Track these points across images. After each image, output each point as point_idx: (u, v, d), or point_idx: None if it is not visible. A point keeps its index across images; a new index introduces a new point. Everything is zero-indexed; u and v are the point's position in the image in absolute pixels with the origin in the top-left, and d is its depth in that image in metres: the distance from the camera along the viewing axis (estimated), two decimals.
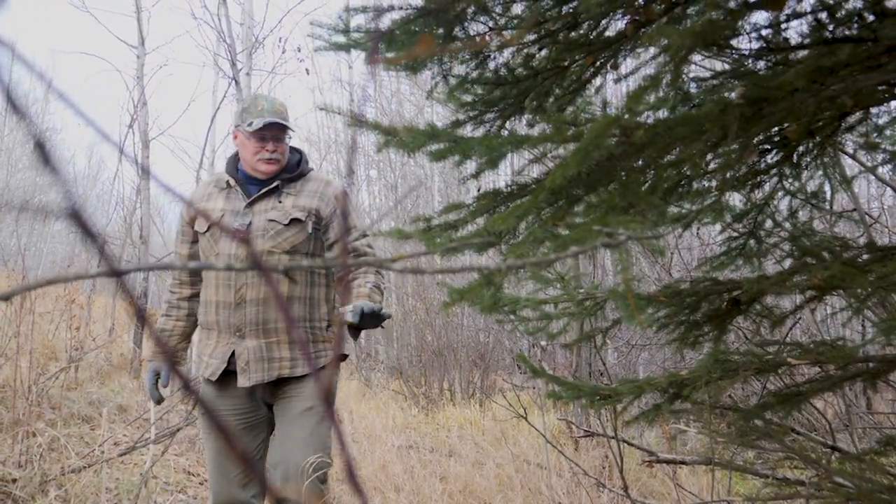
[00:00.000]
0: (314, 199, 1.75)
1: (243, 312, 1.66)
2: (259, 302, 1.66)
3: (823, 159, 1.33)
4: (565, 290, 1.39)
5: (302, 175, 1.79)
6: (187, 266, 0.36)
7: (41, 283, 0.31)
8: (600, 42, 1.10)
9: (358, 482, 0.24)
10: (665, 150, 0.81)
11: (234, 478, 1.69)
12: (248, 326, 1.66)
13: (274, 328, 1.66)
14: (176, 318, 1.82)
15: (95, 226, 0.24)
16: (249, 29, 5.07)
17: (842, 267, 0.98)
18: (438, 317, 5.59)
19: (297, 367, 1.67)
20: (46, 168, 0.22)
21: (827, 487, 1.10)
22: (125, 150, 5.60)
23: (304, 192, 1.76)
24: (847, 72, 0.77)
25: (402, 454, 3.13)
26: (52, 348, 4.46)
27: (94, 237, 0.24)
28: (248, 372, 1.66)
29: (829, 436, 1.67)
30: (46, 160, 0.22)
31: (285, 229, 1.69)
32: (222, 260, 1.69)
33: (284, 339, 1.68)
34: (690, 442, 3.33)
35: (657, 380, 1.21)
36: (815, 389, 1.22)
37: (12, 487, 2.25)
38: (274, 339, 1.67)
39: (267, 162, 1.72)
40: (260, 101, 1.74)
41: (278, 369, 1.66)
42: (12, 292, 0.29)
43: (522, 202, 0.78)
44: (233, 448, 0.21)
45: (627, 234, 0.46)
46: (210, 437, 1.74)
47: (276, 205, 1.72)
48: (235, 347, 1.67)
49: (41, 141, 0.22)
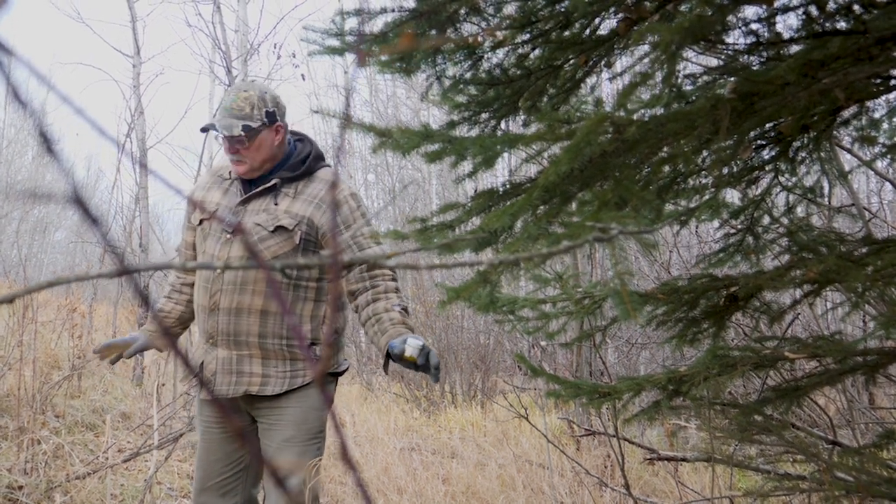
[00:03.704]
0: (309, 206, 1.56)
1: (216, 320, 1.54)
2: (231, 311, 1.52)
3: (820, 154, 1.34)
4: (564, 289, 1.39)
5: (308, 173, 1.59)
6: (187, 265, 0.36)
7: (44, 285, 0.31)
8: (593, 41, 1.11)
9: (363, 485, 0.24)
10: (657, 146, 0.81)
11: (212, 485, 1.60)
12: (220, 335, 1.54)
13: (245, 341, 1.53)
14: (175, 301, 1.72)
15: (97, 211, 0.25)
16: (244, 36, 5.09)
17: (837, 261, 0.98)
18: (438, 319, 5.59)
19: (267, 386, 1.53)
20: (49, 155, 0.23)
21: (828, 481, 1.10)
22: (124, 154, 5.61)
23: (302, 195, 1.57)
24: (838, 65, 0.77)
25: (404, 456, 3.13)
26: (55, 357, 4.46)
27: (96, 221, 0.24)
28: (212, 384, 1.55)
29: (830, 431, 1.67)
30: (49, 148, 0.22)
31: (269, 236, 1.52)
32: (206, 258, 1.58)
33: (258, 354, 1.54)
34: (691, 439, 3.32)
35: (656, 377, 1.21)
36: (814, 384, 1.22)
37: (19, 494, 2.26)
38: (246, 353, 1.54)
39: (235, 163, 1.56)
40: (226, 95, 1.55)
41: (246, 385, 1.53)
42: (15, 294, 0.30)
43: (517, 200, 0.78)
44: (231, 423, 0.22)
45: (619, 229, 0.47)
46: (200, 442, 1.65)
47: (268, 206, 1.55)
48: (206, 356, 1.57)
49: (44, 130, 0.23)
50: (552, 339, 1.80)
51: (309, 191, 1.58)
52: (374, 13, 1.22)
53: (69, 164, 0.22)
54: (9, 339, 3.94)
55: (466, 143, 0.81)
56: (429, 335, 5.69)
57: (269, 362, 1.54)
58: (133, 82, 5.84)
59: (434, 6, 1.05)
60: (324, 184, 1.59)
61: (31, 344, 3.07)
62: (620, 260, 0.59)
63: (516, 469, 2.74)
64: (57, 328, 4.66)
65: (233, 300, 1.52)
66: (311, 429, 1.55)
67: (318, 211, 1.56)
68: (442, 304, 0.91)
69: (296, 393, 1.56)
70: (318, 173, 1.61)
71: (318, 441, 1.58)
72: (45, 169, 18.66)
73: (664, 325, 1.37)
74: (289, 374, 1.55)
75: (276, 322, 1.54)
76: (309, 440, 1.55)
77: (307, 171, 1.59)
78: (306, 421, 1.55)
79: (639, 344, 3.93)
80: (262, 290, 1.52)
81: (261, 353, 1.54)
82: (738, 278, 1.17)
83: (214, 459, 1.61)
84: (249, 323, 1.53)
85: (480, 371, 5.47)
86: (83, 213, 0.23)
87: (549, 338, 1.47)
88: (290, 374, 1.55)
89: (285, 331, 1.54)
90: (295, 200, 1.57)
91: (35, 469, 2.40)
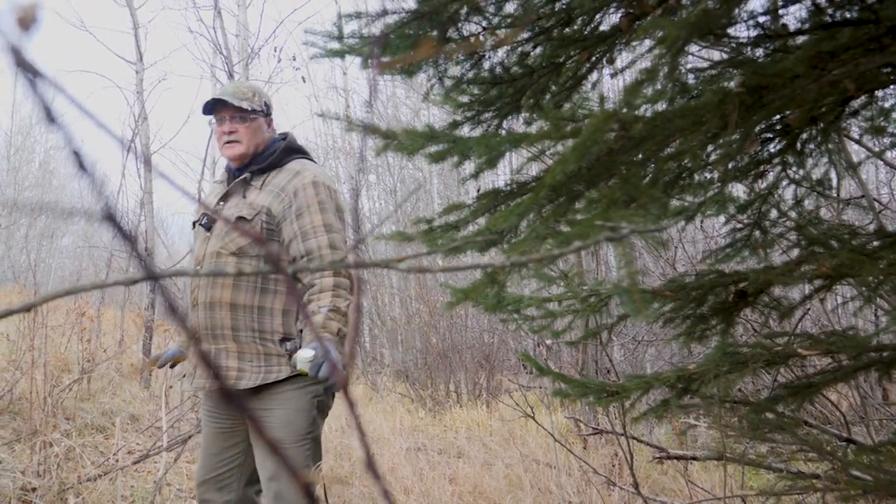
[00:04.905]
0: (270, 196, 1.58)
1: (196, 315, 1.57)
2: (207, 305, 1.56)
3: (828, 146, 1.32)
4: (569, 287, 1.38)
5: (275, 165, 1.61)
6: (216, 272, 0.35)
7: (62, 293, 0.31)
8: (595, 37, 1.09)
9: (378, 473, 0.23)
10: (664, 142, 0.80)
11: (210, 479, 1.63)
12: (200, 330, 1.57)
13: (221, 334, 1.55)
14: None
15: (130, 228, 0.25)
16: (245, 40, 5.09)
17: (850, 254, 0.96)
18: (442, 319, 5.58)
19: (241, 380, 1.54)
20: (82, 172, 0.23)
21: (843, 480, 1.09)
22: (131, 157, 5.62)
23: (268, 186, 1.59)
24: (849, 55, 0.76)
25: (410, 457, 3.12)
26: (65, 360, 4.49)
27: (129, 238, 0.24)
28: (194, 376, 1.60)
29: (843, 428, 1.65)
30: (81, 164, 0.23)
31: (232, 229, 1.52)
32: (193, 257, 1.66)
33: (233, 348, 1.56)
34: (701, 437, 3.30)
35: (665, 375, 1.20)
36: (827, 380, 1.20)
37: (32, 496, 2.28)
38: (222, 346, 1.56)
39: (227, 146, 1.58)
40: (221, 86, 1.65)
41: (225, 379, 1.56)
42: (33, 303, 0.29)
43: (523, 200, 0.77)
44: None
45: (630, 228, 0.46)
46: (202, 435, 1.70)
47: (239, 200, 1.59)
48: (189, 350, 1.63)
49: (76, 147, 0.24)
50: (558, 338, 1.79)
51: (276, 181, 1.60)
52: (374, 15, 1.21)
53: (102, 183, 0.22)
54: (20, 344, 3.96)
55: (471, 143, 0.80)
56: (432, 335, 5.68)
57: (244, 356, 1.56)
58: (136, 88, 5.86)
59: (435, 7, 1.04)
60: (291, 174, 1.60)
61: (42, 348, 3.09)
62: (630, 259, 0.58)
63: (523, 468, 2.73)
64: (66, 332, 4.69)
65: (207, 294, 1.56)
66: (298, 430, 1.54)
67: (276, 199, 1.57)
68: (449, 305, 0.90)
69: (278, 394, 1.55)
70: (288, 165, 1.62)
71: (306, 442, 1.56)
72: (50, 175, 18.79)
73: (671, 323, 1.35)
74: (262, 368, 1.55)
75: (247, 315, 1.55)
76: (297, 441, 1.54)
77: (274, 163, 1.61)
78: (292, 423, 1.54)
79: (645, 341, 3.91)
80: (230, 283, 1.55)
81: (235, 347, 1.56)
82: (747, 274, 1.15)
83: (211, 454, 1.64)
84: (222, 316, 1.56)
85: (485, 370, 5.46)
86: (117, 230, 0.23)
87: (554, 336, 1.46)
88: (264, 368, 1.55)
89: (256, 324, 1.55)
90: (261, 192, 1.59)
91: (48, 471, 2.42)
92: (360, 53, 1.21)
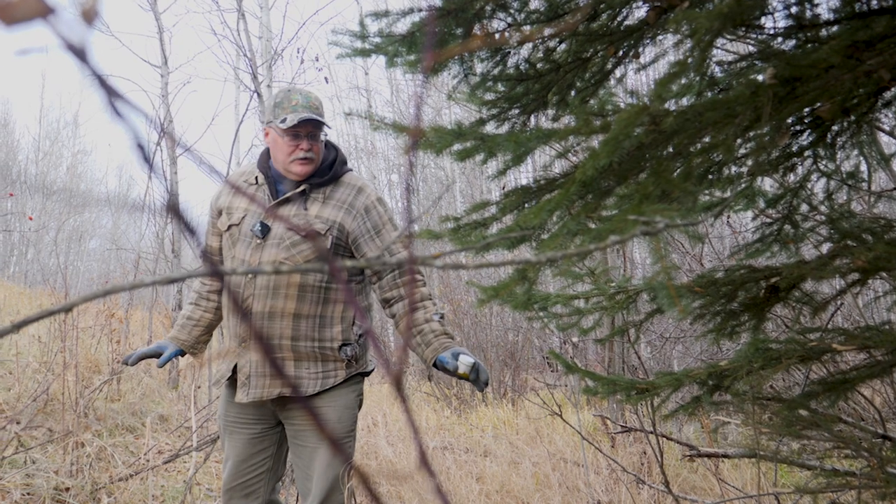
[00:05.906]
0: (339, 211, 1.59)
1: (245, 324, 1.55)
2: (264, 315, 1.55)
3: (859, 138, 1.29)
4: (596, 284, 1.37)
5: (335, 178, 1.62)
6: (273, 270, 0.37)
7: (100, 293, 0.32)
8: (621, 31, 1.09)
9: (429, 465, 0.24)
10: (695, 136, 0.79)
11: (237, 486, 1.63)
12: (253, 339, 1.53)
13: (278, 344, 1.56)
14: (204, 308, 1.74)
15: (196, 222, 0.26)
16: (268, 42, 5.16)
17: (886, 247, 0.95)
18: (466, 317, 5.58)
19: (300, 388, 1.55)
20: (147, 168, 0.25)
21: (880, 477, 1.06)
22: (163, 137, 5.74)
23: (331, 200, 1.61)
24: (884, 45, 0.74)
25: (437, 455, 3.13)
26: (95, 362, 4.60)
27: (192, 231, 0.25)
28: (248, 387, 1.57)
29: (878, 425, 1.61)
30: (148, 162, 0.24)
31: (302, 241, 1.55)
32: (237, 264, 1.60)
33: (290, 356, 1.57)
34: (731, 435, 3.25)
35: (696, 371, 1.18)
36: (862, 376, 1.18)
37: (66, 496, 2.34)
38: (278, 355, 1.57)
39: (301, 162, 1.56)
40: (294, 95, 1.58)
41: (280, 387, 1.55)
42: (73, 303, 0.30)
43: (553, 196, 0.77)
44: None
45: (665, 222, 0.46)
46: (226, 442, 1.67)
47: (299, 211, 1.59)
48: (239, 359, 1.60)
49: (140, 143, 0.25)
50: (585, 335, 1.78)
51: (338, 195, 1.62)
52: (399, 14, 1.23)
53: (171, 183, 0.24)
54: (52, 346, 4.07)
55: (499, 140, 0.81)
56: (457, 333, 5.69)
57: (301, 364, 1.57)
58: (161, 92, 5.97)
59: (461, 4, 1.04)
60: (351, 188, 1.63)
61: (74, 350, 3.17)
62: (663, 254, 0.58)
63: (551, 467, 2.72)
64: (96, 334, 4.81)
65: (265, 304, 1.55)
66: (345, 427, 1.60)
67: (347, 216, 1.60)
68: (479, 303, 0.90)
69: (328, 393, 1.59)
70: (344, 178, 1.65)
71: (350, 439, 1.62)
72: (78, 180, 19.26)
73: (701, 319, 1.34)
74: (321, 374, 1.58)
75: (308, 325, 1.56)
76: (343, 438, 1.59)
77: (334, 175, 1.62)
78: (340, 420, 1.59)
79: (672, 338, 3.86)
80: (294, 294, 1.55)
81: (293, 356, 1.57)
82: (779, 269, 1.13)
83: (239, 461, 1.64)
84: (282, 326, 1.55)
85: (510, 368, 5.45)
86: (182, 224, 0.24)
87: (582, 333, 1.45)
88: (321, 374, 1.58)
89: (317, 333, 1.57)
90: (325, 205, 1.60)
91: (80, 471, 2.48)
92: (385, 52, 1.22)
